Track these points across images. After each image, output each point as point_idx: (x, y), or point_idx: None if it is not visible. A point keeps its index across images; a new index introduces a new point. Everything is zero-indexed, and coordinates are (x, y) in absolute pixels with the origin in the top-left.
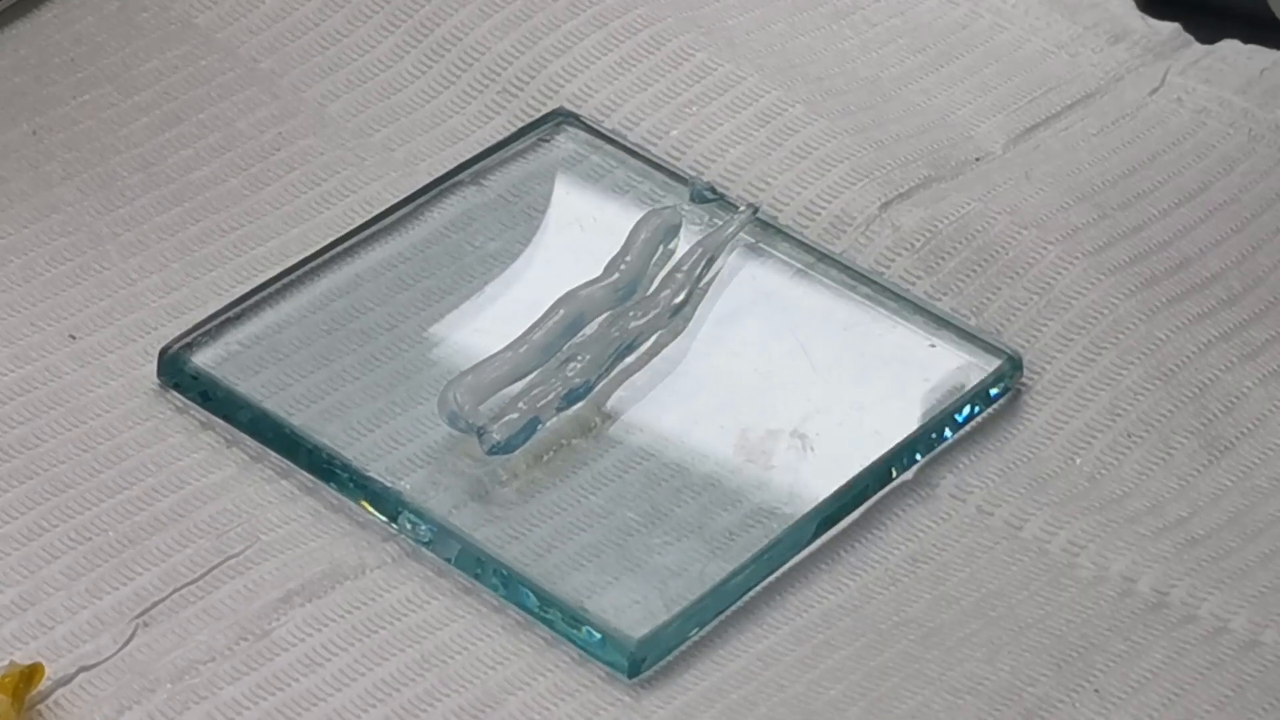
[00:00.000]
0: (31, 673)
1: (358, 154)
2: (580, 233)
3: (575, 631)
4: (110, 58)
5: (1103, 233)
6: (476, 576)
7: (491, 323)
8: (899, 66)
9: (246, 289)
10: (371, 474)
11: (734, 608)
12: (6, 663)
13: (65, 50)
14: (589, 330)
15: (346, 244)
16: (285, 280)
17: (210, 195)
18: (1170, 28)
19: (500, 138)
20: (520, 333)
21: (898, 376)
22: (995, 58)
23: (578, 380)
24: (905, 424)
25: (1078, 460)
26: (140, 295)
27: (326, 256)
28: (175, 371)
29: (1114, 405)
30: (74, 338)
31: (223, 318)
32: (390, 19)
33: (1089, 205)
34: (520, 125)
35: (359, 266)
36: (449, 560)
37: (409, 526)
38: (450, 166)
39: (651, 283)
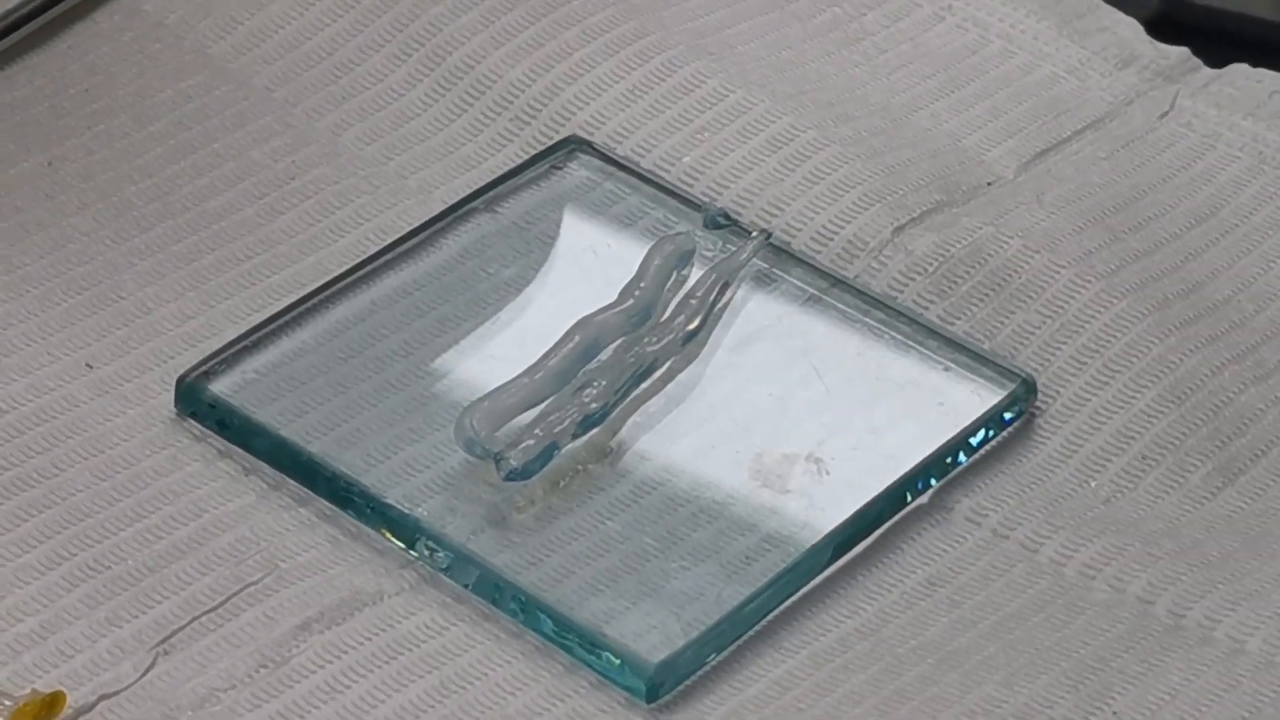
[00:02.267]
0: (53, 701)
1: (371, 182)
2: (594, 259)
3: (593, 657)
4: (125, 88)
5: (1114, 256)
6: (494, 602)
7: (506, 349)
8: (909, 92)
9: (262, 317)
10: (389, 501)
11: (751, 632)
12: (28, 691)
13: (80, 81)
14: (604, 356)
15: (361, 272)
16: (301, 308)
17: (225, 224)
18: (1179, 52)
19: (513, 165)
20: (535, 359)
21: (912, 400)
22: (1005, 83)
23: (594, 406)
24: (920, 448)
25: (1093, 483)
26: (157, 324)
27: (342, 284)
28: (193, 400)
29: (1128, 428)
30: (91, 367)
31: (239, 346)
32: (402, 48)
33: (1100, 229)
34: (533, 153)
35: (374, 294)
36: (467, 586)
37: (427, 553)
38: (463, 194)
39: (666, 308)
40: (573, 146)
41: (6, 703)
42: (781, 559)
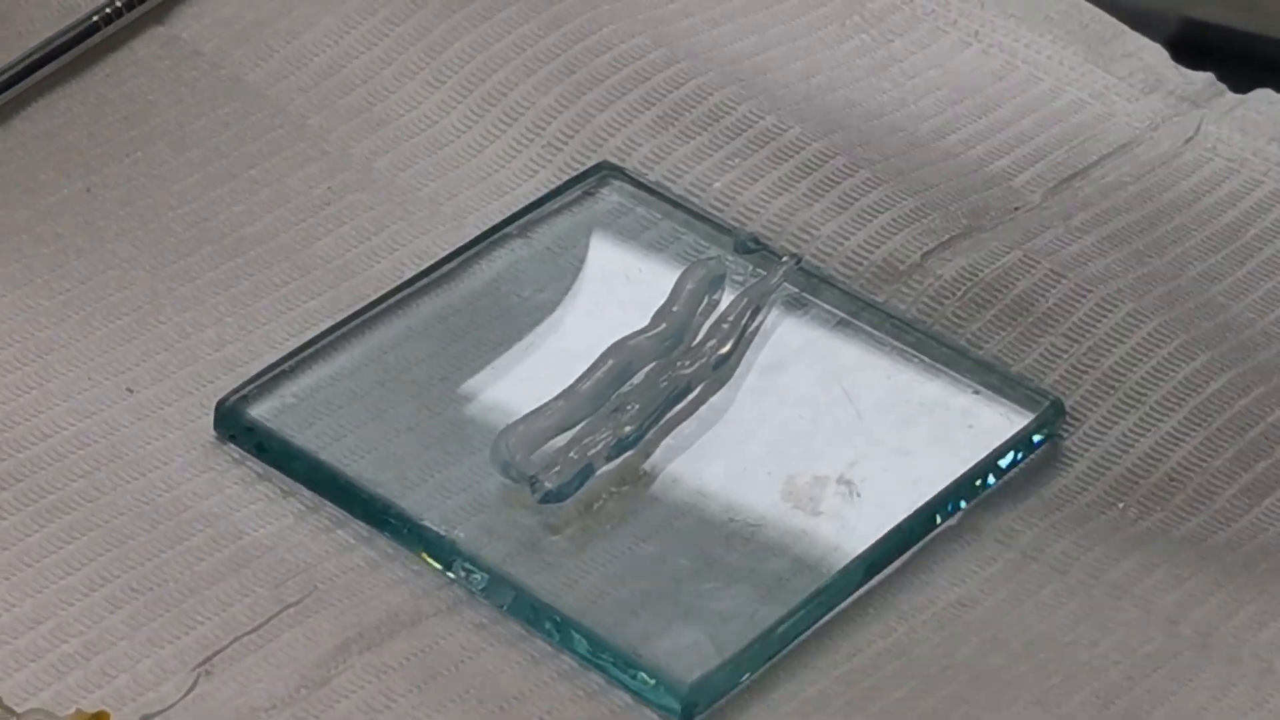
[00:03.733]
0: None
1: (406, 208)
2: (626, 284)
3: (628, 677)
4: (162, 115)
5: (1141, 279)
6: (531, 623)
7: (540, 373)
8: (937, 117)
9: (300, 342)
10: (426, 523)
11: (784, 653)
12: (73, 711)
13: (118, 108)
14: (637, 380)
15: (397, 297)
16: (338, 333)
17: (262, 250)
18: (1204, 78)
19: (546, 192)
20: (569, 383)
21: (941, 423)
22: (1032, 108)
23: (628, 429)
24: (950, 470)
25: (1121, 505)
26: (196, 348)
27: (377, 309)
28: (232, 423)
29: (1155, 450)
30: (131, 391)
31: (277, 370)
32: (436, 75)
33: (1127, 252)
34: (565, 179)
35: (410, 319)
36: (503, 608)
37: (463, 574)
38: (497, 220)
39: (698, 333)
40: (604, 173)
41: None
42: (813, 580)
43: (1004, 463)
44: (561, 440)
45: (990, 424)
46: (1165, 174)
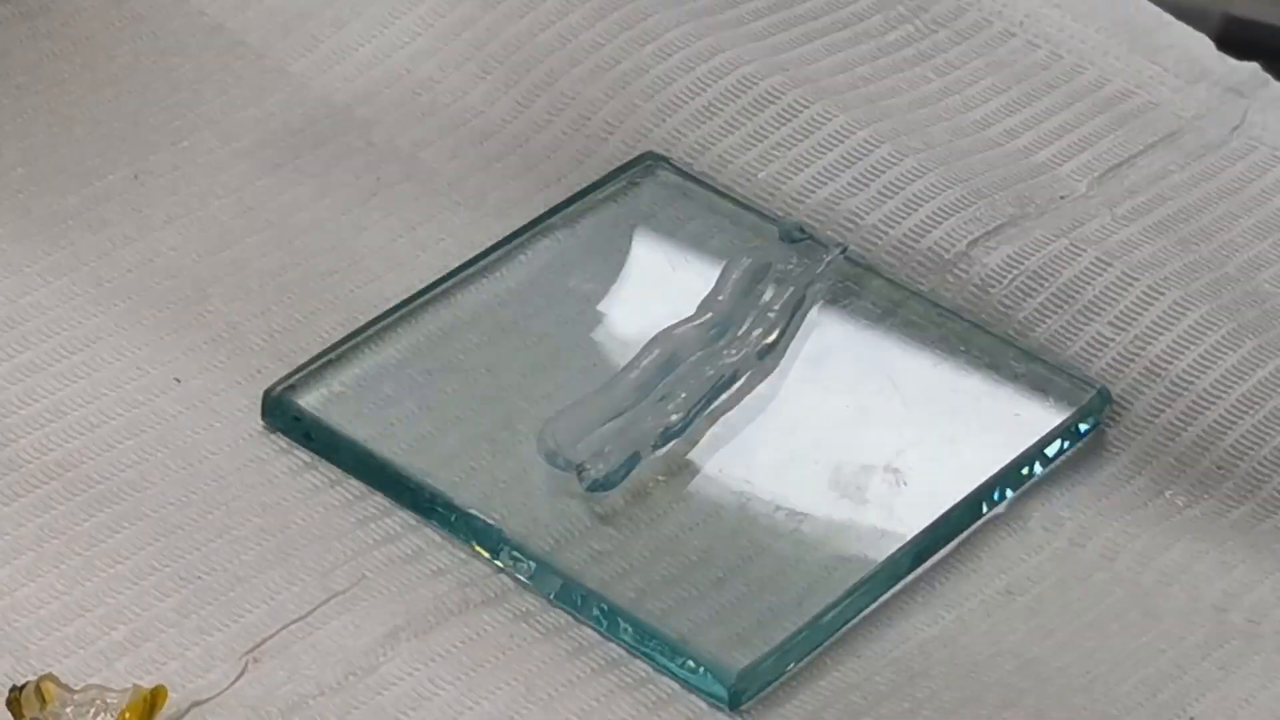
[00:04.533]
0: (155, 696)
1: (452, 199)
2: (672, 273)
3: (675, 665)
4: (208, 105)
5: (1187, 267)
6: (577, 612)
7: (587, 362)
8: (982, 107)
9: (346, 331)
10: (473, 512)
11: (831, 641)
12: (130, 687)
13: (164, 97)
14: (683, 369)
15: (443, 287)
16: (385, 323)
17: (308, 239)
18: (1249, 67)
19: (591, 181)
20: (616, 372)
21: (988, 412)
22: (1077, 98)
23: (674, 418)
24: (996, 458)
25: (1168, 493)
26: (243, 338)
27: (424, 299)
28: (279, 413)
29: (1202, 437)
30: (179, 381)
31: (324, 360)
32: (481, 66)
33: (1173, 240)
34: (611, 169)
35: (456, 309)
36: (550, 596)
37: (511, 563)
38: (543, 210)
39: (744, 322)
40: (650, 162)
41: (110, 699)
42: (860, 569)
43: (1050, 451)
44: (608, 429)
45: (1036, 412)
46: (1211, 162)
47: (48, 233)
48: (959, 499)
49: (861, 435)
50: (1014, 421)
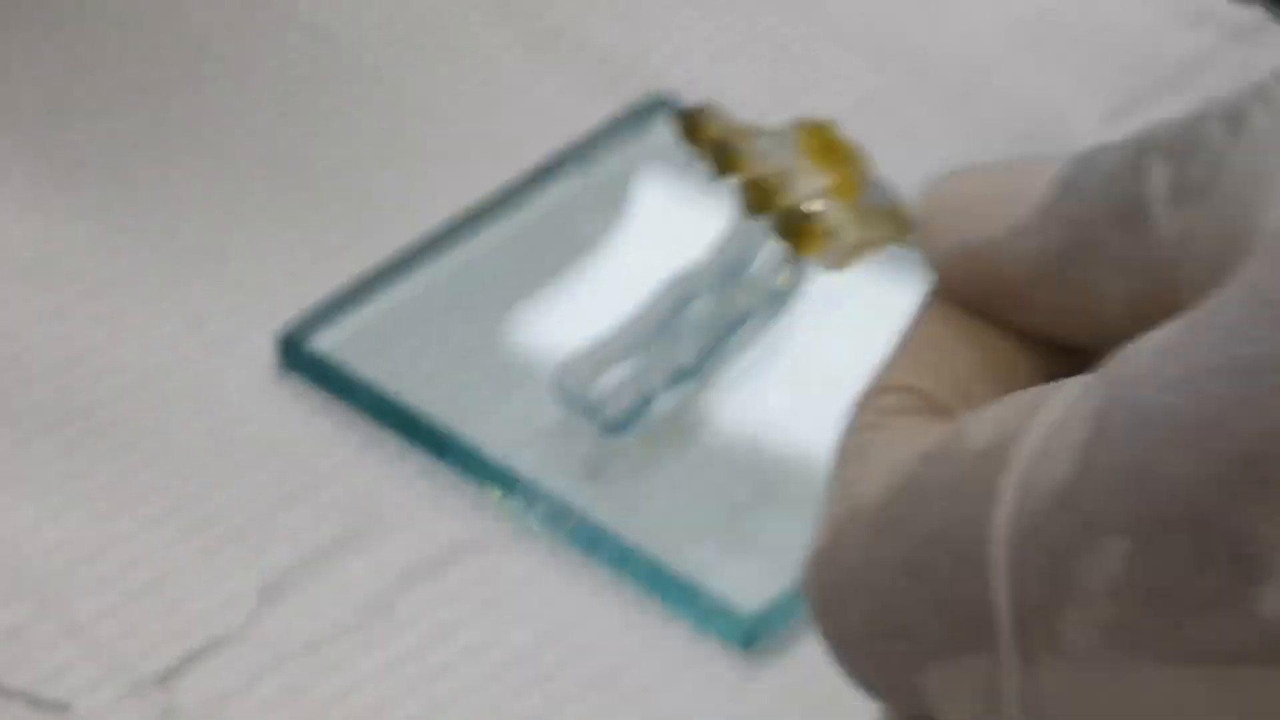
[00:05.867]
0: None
1: (466, 143)
2: (684, 214)
3: (689, 606)
4: (225, 51)
5: None
6: (590, 552)
7: (599, 303)
8: (990, 51)
9: (361, 273)
10: (487, 454)
11: None
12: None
13: (181, 43)
14: (695, 310)
15: (458, 229)
16: (399, 264)
17: (328, 184)
18: (1253, 11)
19: (603, 124)
20: (629, 313)
21: None
22: (1083, 41)
23: (688, 359)
24: None
25: None
26: (263, 282)
27: (438, 241)
28: (294, 356)
29: None
30: (200, 325)
31: (339, 300)
32: (496, 7)
33: None
34: (623, 111)
35: (470, 251)
36: (564, 537)
37: (524, 504)
38: (554, 152)
39: (756, 263)
40: (662, 104)
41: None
42: None
43: None
44: (622, 371)
45: None
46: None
47: (67, 176)
48: None
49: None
50: None
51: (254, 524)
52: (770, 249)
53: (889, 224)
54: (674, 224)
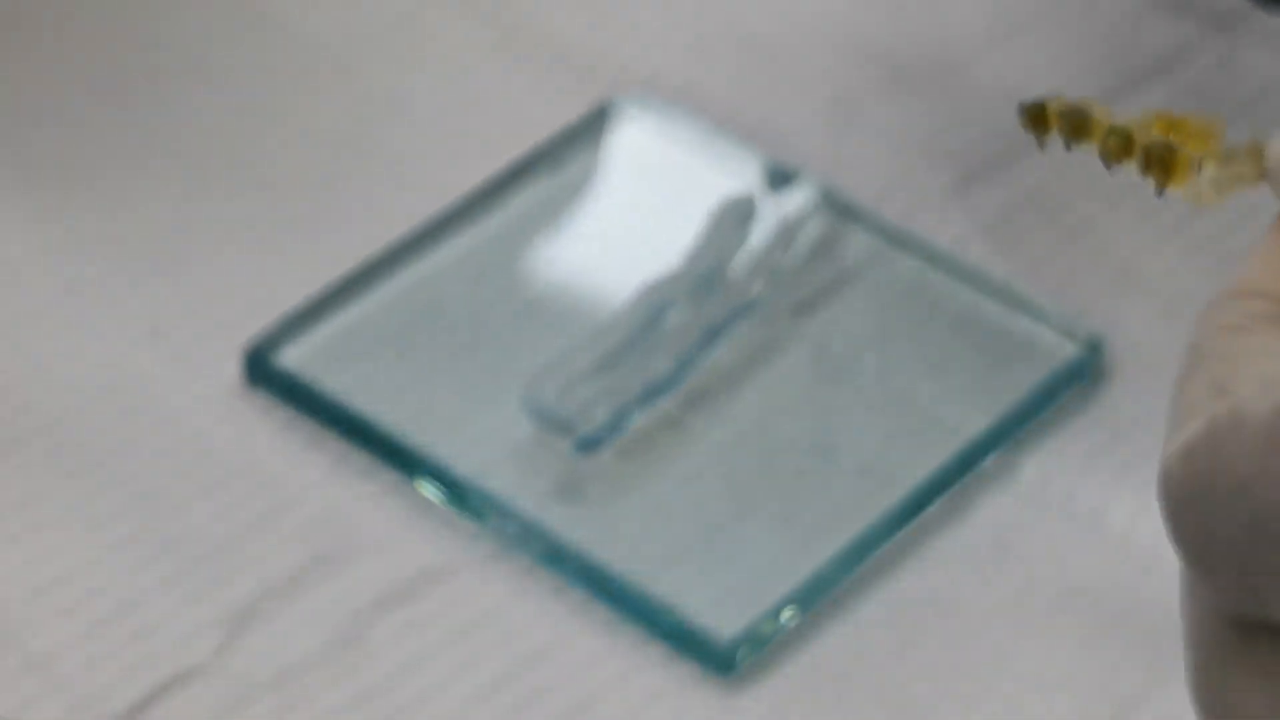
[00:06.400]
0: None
1: (434, 141)
2: (657, 221)
3: (666, 632)
4: (187, 47)
5: (1184, 210)
6: (563, 575)
7: (572, 314)
8: (969, 42)
9: (328, 278)
10: (458, 473)
11: (823, 602)
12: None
13: (143, 39)
14: (670, 321)
15: (425, 235)
16: (366, 273)
17: (292, 185)
18: (1236, 0)
19: (576, 123)
20: (602, 324)
21: (979, 362)
22: (1063, 30)
23: (662, 373)
24: (988, 410)
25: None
26: (225, 288)
27: (405, 249)
28: (260, 370)
29: None
30: (158, 334)
31: (307, 313)
32: (462, 4)
33: None
34: (594, 110)
35: (439, 259)
36: (537, 560)
37: (496, 525)
38: (526, 152)
39: (730, 271)
40: (633, 104)
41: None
42: (853, 527)
43: (1042, 404)
44: (595, 385)
45: (1029, 363)
46: (1200, 98)
47: (23, 179)
48: (950, 454)
49: (851, 388)
50: (1005, 372)
51: (220, 550)
52: (745, 255)
53: (1250, 163)
54: (648, 231)
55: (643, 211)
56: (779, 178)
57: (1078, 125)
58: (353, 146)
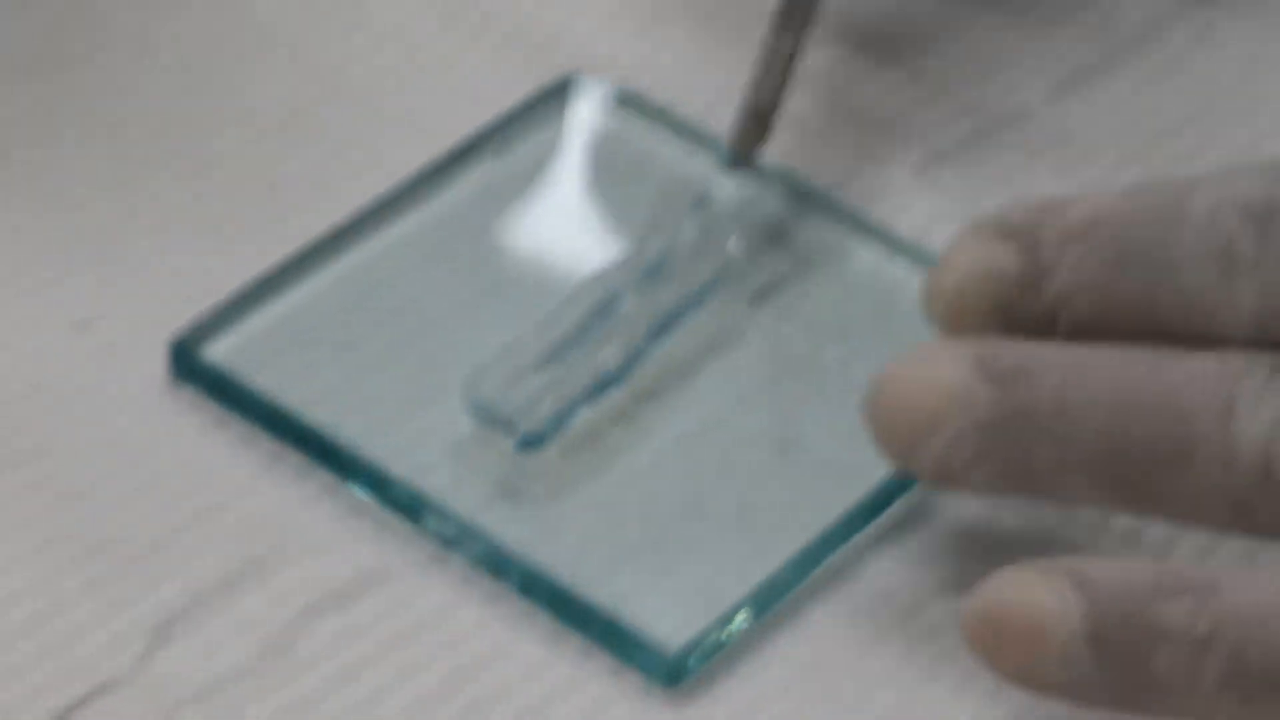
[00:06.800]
0: None
1: (379, 123)
2: (608, 206)
3: (610, 640)
4: (123, 21)
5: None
6: (503, 580)
7: (515, 303)
8: (934, 21)
9: (264, 266)
10: (395, 473)
11: (776, 608)
12: None
13: (76, 14)
14: (619, 311)
15: (363, 222)
16: (302, 263)
17: (230, 169)
18: None
19: (525, 102)
20: (546, 315)
21: None
22: (1033, 5)
23: (610, 365)
24: None
25: None
26: (157, 279)
27: (343, 238)
28: (187, 365)
29: None
30: (85, 328)
31: (236, 304)
32: None
33: (1139, 167)
34: (544, 89)
35: (376, 246)
36: (476, 564)
37: (435, 528)
38: (472, 132)
39: (683, 258)
40: (585, 83)
41: None
42: (808, 530)
43: None
44: (538, 380)
45: None
46: (1177, 78)
47: None
48: None
49: (809, 383)
50: None
51: (145, 554)
52: (699, 241)
53: None
54: (596, 216)
55: (595, 195)
56: (736, 161)
57: None
58: (295, 123)
